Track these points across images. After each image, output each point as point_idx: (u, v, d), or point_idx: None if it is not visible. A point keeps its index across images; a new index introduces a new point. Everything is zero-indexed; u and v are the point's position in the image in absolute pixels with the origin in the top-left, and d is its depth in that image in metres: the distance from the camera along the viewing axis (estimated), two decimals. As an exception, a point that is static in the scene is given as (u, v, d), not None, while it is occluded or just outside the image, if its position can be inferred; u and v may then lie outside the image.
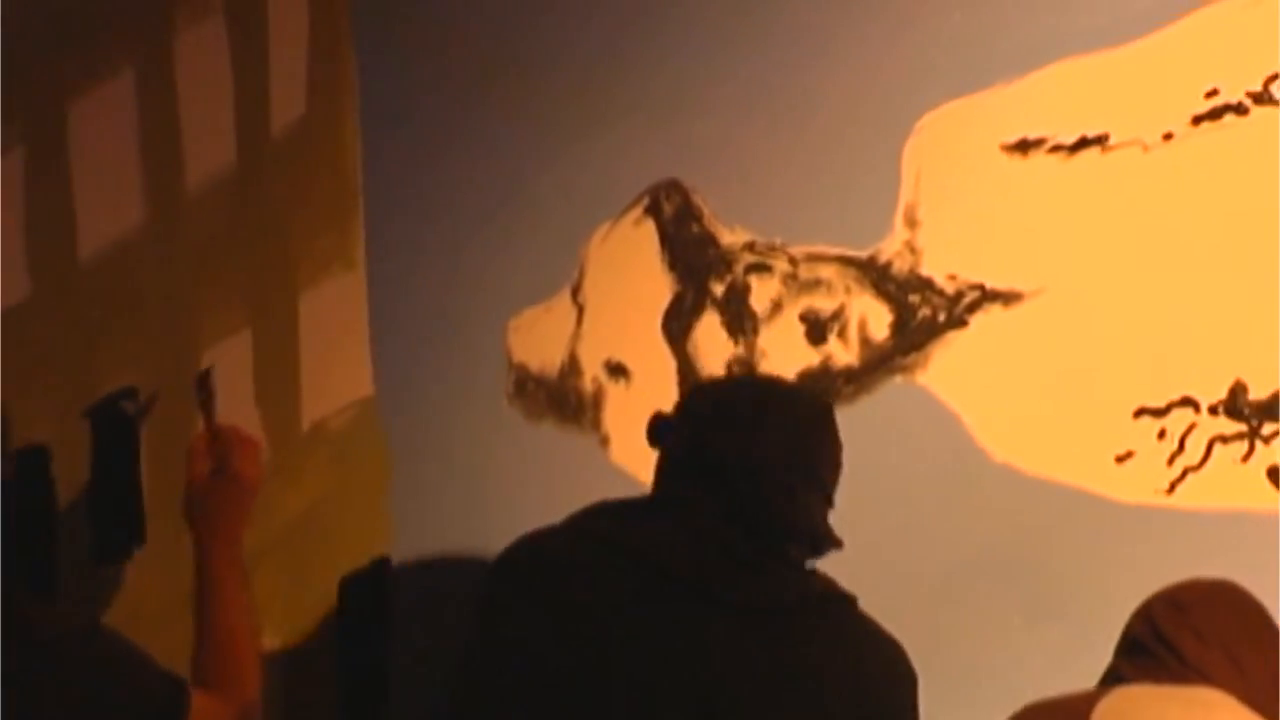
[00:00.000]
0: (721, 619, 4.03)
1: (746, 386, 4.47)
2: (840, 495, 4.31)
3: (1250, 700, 4.10)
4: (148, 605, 4.85)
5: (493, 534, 4.42)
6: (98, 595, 4.94)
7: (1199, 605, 4.31)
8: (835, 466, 4.26)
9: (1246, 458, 4.31)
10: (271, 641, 4.65)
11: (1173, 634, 4.21)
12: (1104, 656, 4.10)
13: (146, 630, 4.45)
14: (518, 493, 4.72)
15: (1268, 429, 4.34)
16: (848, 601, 4.17)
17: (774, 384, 4.51)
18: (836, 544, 4.16)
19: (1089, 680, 4.10)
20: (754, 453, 4.11)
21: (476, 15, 4.88)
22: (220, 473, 4.47)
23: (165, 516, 4.79)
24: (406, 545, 4.70)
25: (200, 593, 4.38)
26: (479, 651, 4.03)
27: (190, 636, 4.25)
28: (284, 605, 4.63)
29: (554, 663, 3.97)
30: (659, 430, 4.21)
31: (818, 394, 4.55)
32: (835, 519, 4.25)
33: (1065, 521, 4.36)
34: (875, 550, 4.38)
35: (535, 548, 4.05)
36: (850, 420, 4.20)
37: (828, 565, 4.14)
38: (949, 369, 4.45)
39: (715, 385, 4.58)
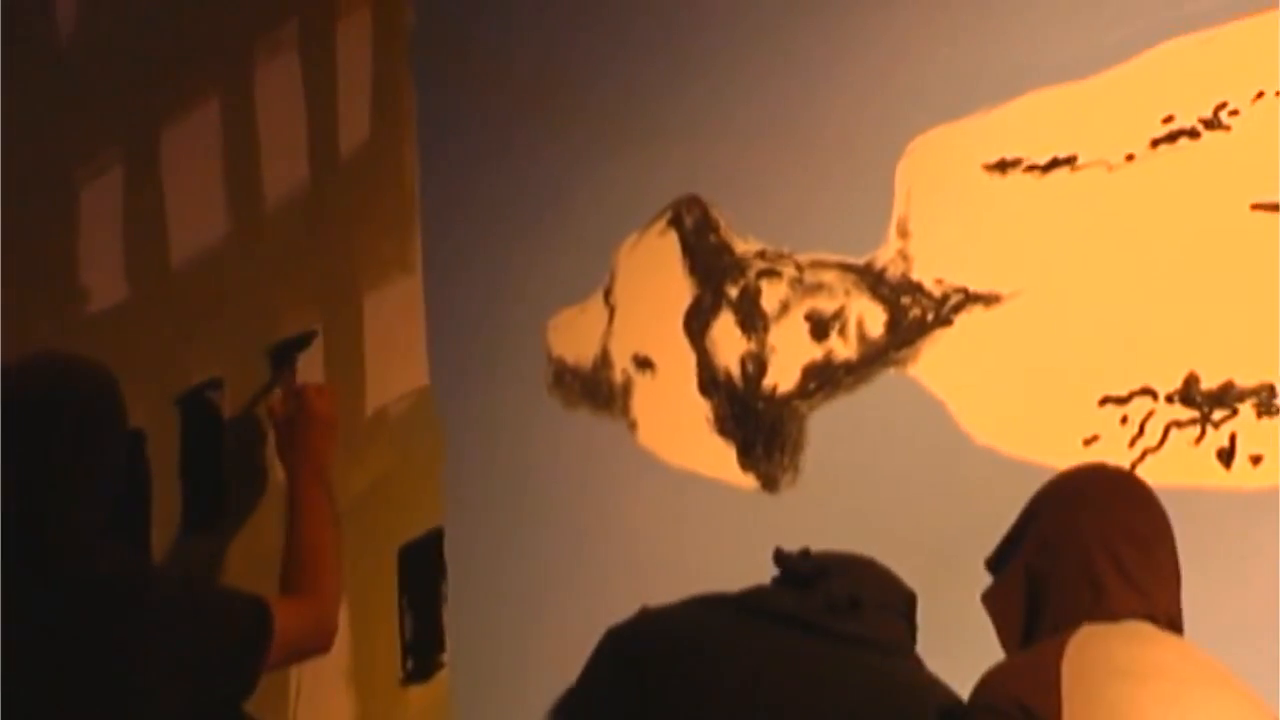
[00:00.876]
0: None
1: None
2: (842, 473, 4.55)
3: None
4: (231, 567, 5.03)
5: (534, 507, 4.85)
6: (188, 558, 5.12)
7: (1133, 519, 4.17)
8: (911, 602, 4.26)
9: (1199, 440, 4.44)
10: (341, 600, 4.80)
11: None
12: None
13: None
14: (556, 471, 4.84)
15: (1217, 415, 4.44)
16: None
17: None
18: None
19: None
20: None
21: (521, 51, 5.02)
22: (301, 414, 4.75)
23: (244, 491, 5.07)
24: (458, 517, 4.84)
25: (290, 515, 4.60)
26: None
27: (267, 591, 4.38)
28: (351, 569, 4.69)
29: None
30: None
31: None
32: (838, 497, 4.47)
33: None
34: (870, 519, 4.50)
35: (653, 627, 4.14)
36: (850, 407, 4.47)
37: (832, 537, 4.06)
38: (936, 362, 4.56)
39: None
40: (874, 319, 4.61)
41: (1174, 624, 4.12)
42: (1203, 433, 4.41)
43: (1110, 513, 4.24)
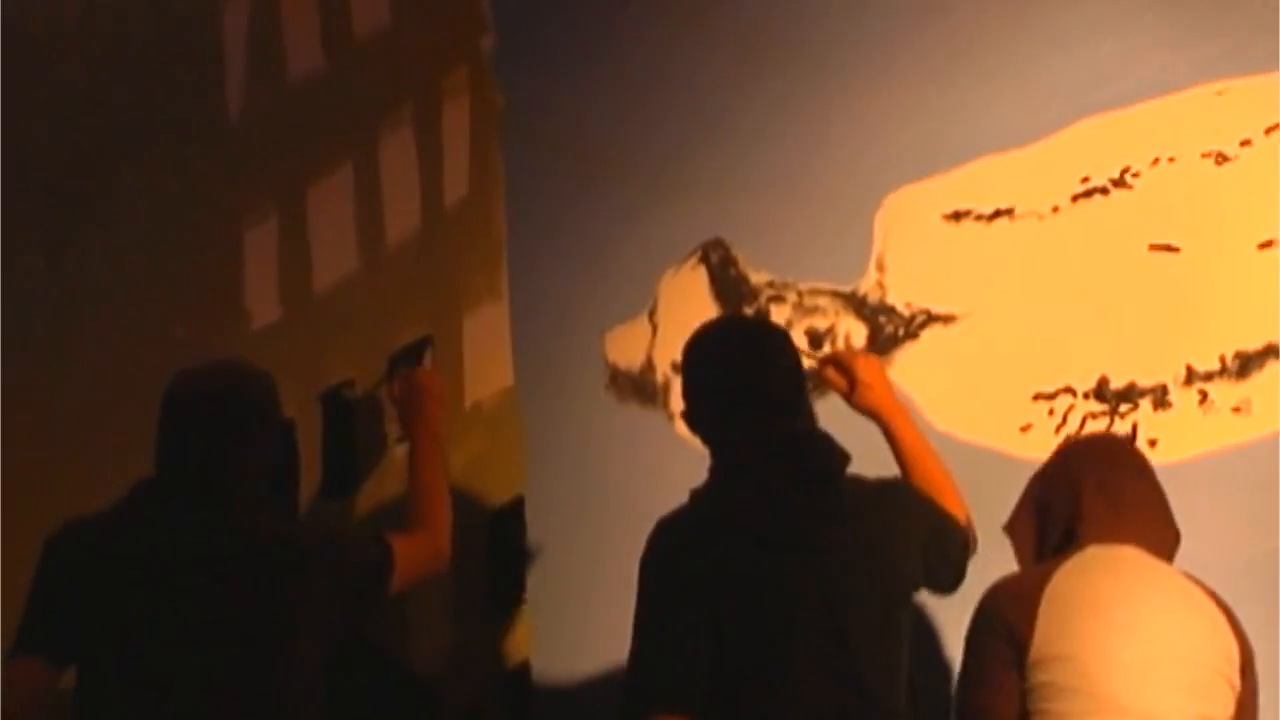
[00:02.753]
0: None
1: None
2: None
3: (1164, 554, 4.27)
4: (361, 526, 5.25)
5: (597, 479, 5.07)
6: (328, 518, 5.30)
7: (1110, 472, 4.29)
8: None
9: (1108, 428, 4.82)
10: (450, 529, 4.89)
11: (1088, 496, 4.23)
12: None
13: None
14: (612, 452, 5.08)
15: (1123, 408, 4.82)
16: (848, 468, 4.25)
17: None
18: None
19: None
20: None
21: (586, 125, 5.22)
22: (415, 389, 4.82)
23: (370, 467, 5.25)
24: (538, 486, 5.05)
25: (410, 466, 4.73)
26: (658, 586, 4.20)
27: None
28: (454, 528, 4.71)
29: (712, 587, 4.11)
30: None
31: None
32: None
33: (986, 471, 4.73)
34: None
35: (673, 527, 4.26)
36: (839, 401, 4.61)
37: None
38: (906, 367, 4.89)
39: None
40: (858, 334, 4.95)
41: (1162, 546, 4.24)
42: (1111, 422, 4.80)
43: (1096, 459, 4.34)
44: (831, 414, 4.54)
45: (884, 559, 4.14)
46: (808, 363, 4.60)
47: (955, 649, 4.45)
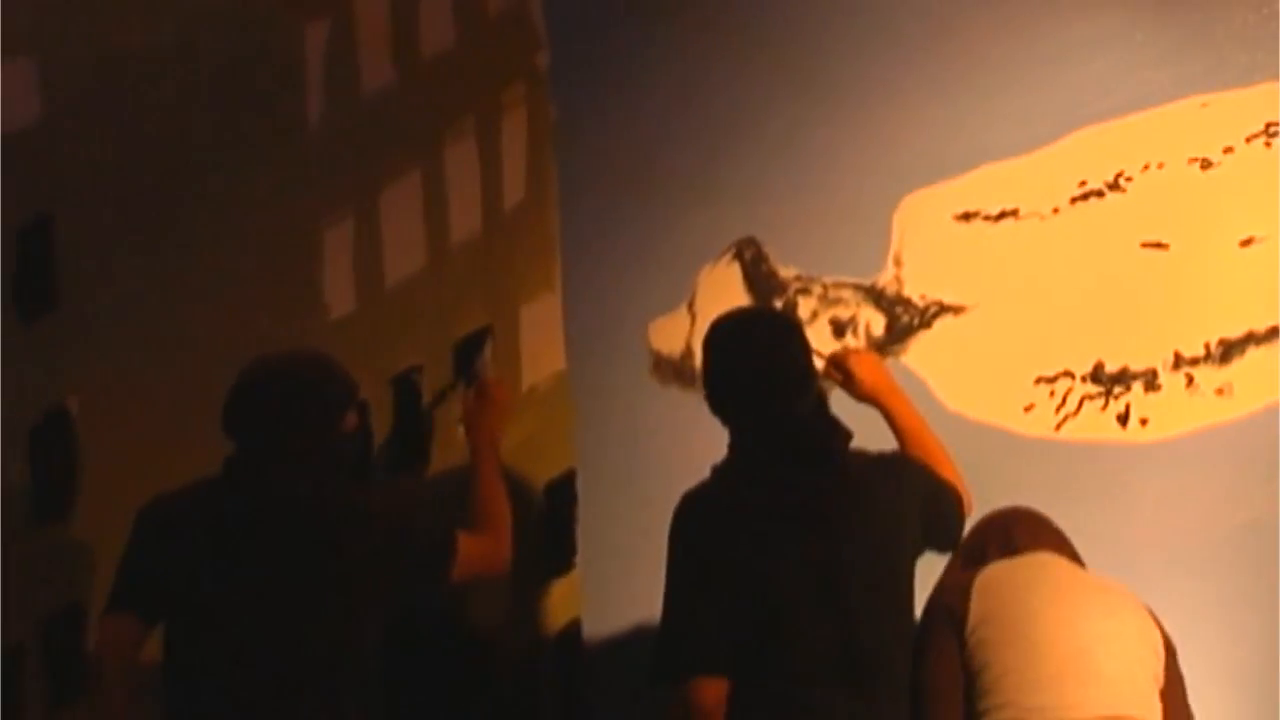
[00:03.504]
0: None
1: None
2: (856, 430, 4.54)
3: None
4: (427, 493, 5.19)
5: (641, 454, 5.13)
6: (398, 489, 5.17)
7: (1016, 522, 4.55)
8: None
9: (1104, 408, 5.05)
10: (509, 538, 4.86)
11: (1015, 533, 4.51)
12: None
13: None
14: (655, 430, 5.16)
15: (1116, 390, 5.09)
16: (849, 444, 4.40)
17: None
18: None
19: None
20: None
21: (631, 135, 5.26)
22: (482, 400, 4.84)
23: (440, 446, 5.24)
24: (587, 461, 5.12)
25: (471, 473, 4.77)
26: (684, 554, 4.32)
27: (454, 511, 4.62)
28: (512, 498, 4.76)
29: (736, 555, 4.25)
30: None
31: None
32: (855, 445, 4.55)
33: (993, 447, 4.96)
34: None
35: (699, 500, 4.39)
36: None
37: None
38: (920, 354, 5.07)
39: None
40: (876, 323, 5.11)
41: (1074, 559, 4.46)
42: (1106, 403, 5.05)
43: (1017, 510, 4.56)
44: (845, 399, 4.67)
45: (884, 526, 4.27)
46: (817, 361, 4.65)
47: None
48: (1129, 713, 4.20)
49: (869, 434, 4.59)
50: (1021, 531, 4.52)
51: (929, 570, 4.51)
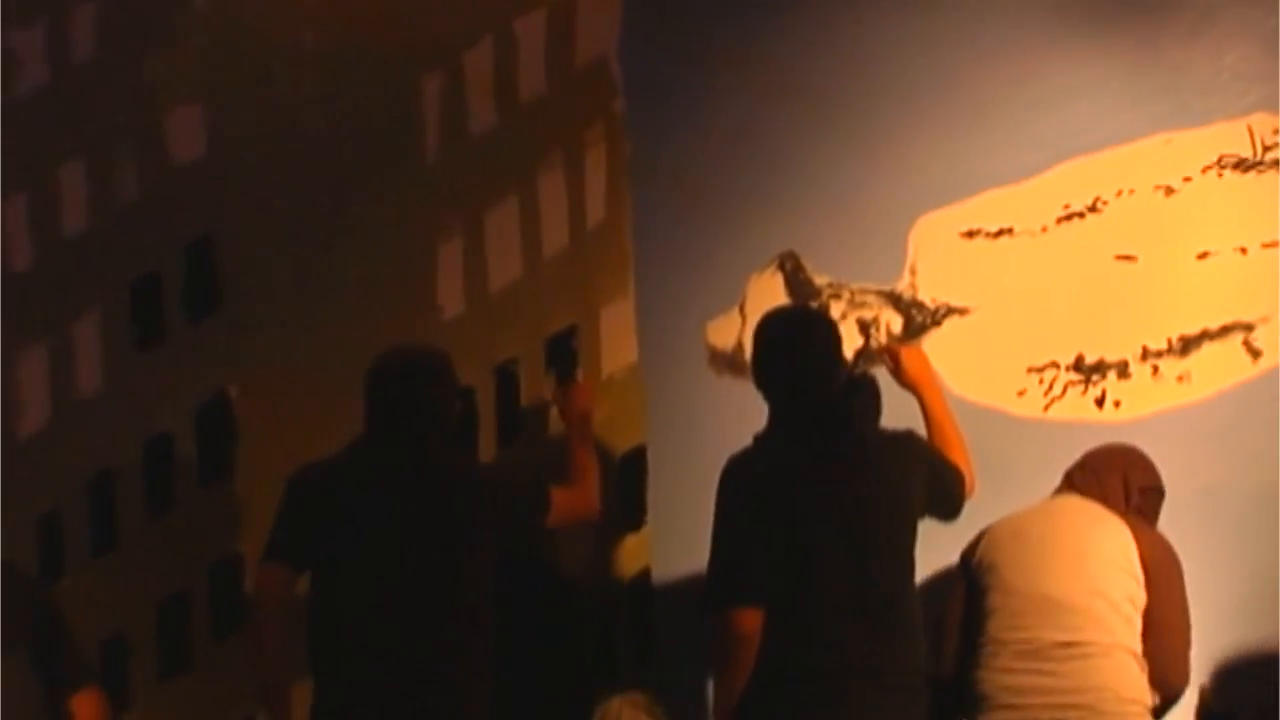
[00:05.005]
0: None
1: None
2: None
3: (1105, 502, 4.81)
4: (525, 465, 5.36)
5: (699, 431, 5.29)
6: (501, 461, 5.47)
7: (1092, 455, 4.87)
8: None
9: (1083, 393, 5.27)
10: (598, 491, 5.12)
11: (1071, 470, 4.87)
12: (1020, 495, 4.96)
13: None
14: (711, 410, 5.34)
15: (1095, 378, 5.26)
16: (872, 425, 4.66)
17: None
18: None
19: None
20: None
21: (691, 166, 5.45)
22: (569, 400, 5.16)
23: (534, 425, 5.48)
24: (655, 437, 5.33)
25: (566, 442, 5.08)
26: (738, 506, 4.55)
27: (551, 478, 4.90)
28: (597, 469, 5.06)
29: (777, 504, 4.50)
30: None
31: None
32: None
33: (991, 425, 5.16)
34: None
35: (744, 462, 4.62)
36: (882, 374, 4.98)
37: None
38: (932, 347, 5.28)
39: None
40: (895, 323, 5.36)
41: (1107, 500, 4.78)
42: (1086, 389, 5.27)
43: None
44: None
45: (894, 488, 4.57)
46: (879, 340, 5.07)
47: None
48: (1084, 638, 4.57)
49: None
50: (1084, 471, 4.87)
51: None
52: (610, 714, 4.97)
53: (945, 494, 4.72)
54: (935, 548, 4.84)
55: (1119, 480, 4.83)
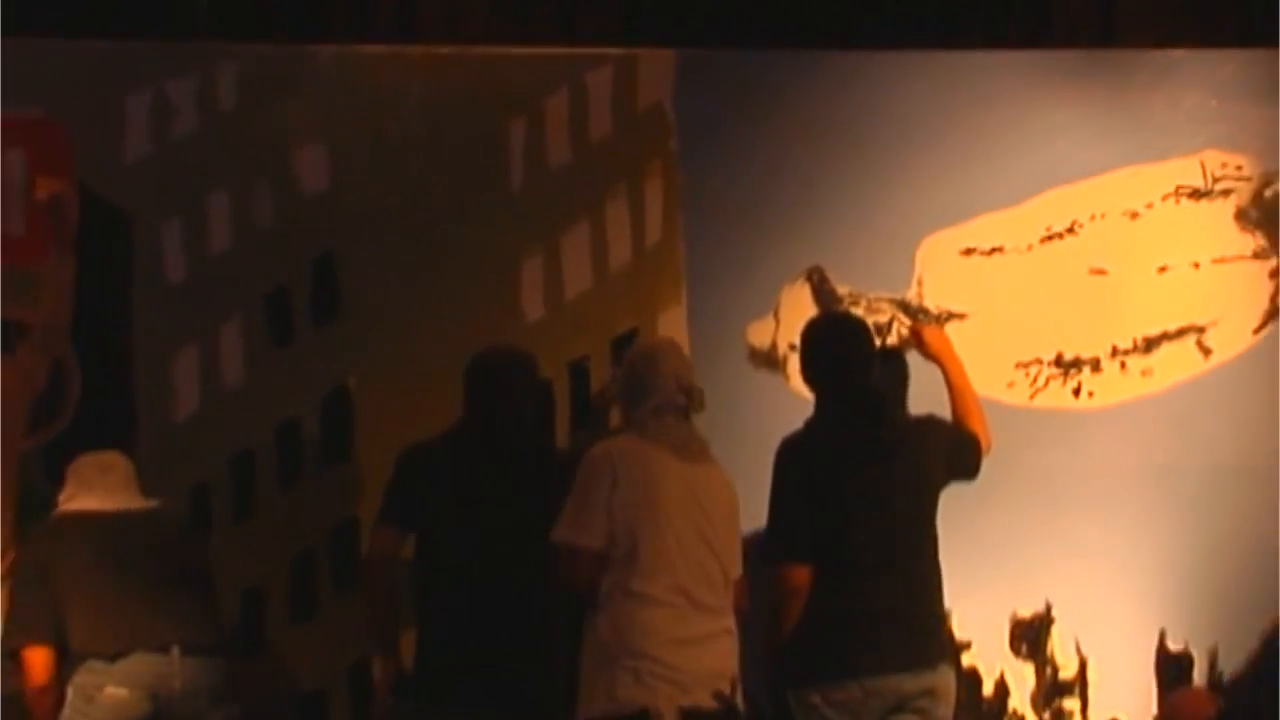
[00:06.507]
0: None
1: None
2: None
3: None
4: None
5: (741, 415, 5.41)
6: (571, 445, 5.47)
7: None
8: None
9: (1063, 385, 5.57)
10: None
11: None
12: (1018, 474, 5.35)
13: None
14: (750, 400, 5.50)
15: (1072, 372, 5.57)
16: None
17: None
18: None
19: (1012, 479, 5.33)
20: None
21: (733, 193, 5.57)
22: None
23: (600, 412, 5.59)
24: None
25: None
26: (791, 478, 4.74)
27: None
28: None
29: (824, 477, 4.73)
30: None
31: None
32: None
33: (985, 412, 5.32)
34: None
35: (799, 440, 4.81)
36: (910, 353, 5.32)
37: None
38: None
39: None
40: (904, 325, 5.57)
41: None
42: (1064, 381, 5.58)
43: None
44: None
45: (918, 463, 4.87)
46: (902, 331, 5.32)
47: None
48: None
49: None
50: None
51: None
52: None
53: (964, 463, 5.01)
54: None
55: None
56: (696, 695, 4.57)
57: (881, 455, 4.79)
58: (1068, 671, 5.53)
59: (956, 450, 5.00)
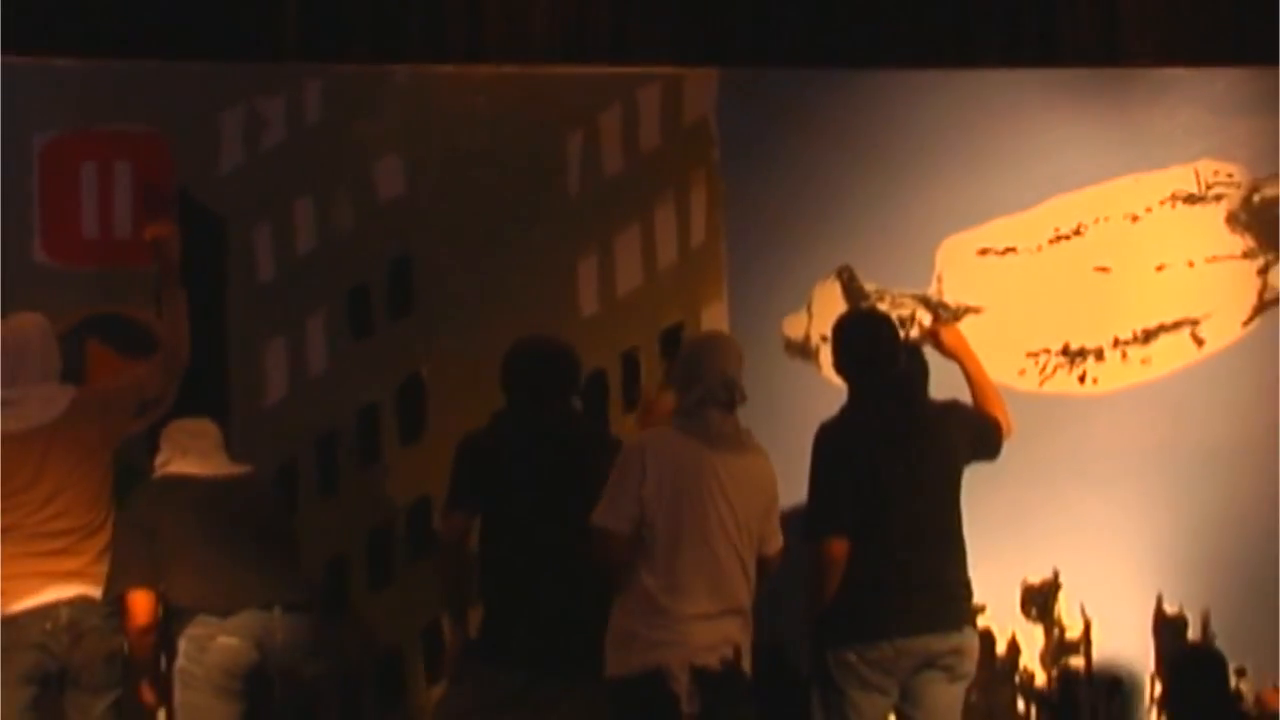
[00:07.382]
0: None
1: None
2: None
3: None
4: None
5: (777, 401, 5.49)
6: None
7: None
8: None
9: (1069, 373, 5.82)
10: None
11: None
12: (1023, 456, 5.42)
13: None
14: (786, 387, 5.68)
15: (1078, 361, 5.81)
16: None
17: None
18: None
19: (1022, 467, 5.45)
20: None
21: (770, 200, 5.73)
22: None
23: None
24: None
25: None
26: (830, 460, 4.85)
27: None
28: None
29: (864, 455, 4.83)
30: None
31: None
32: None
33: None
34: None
35: (836, 424, 4.92)
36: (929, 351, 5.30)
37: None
38: None
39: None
40: (925, 319, 5.80)
41: None
42: (1071, 369, 5.83)
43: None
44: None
45: (944, 445, 5.01)
46: (916, 331, 5.45)
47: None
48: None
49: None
50: None
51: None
52: None
53: (986, 445, 5.15)
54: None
55: None
56: (706, 659, 4.70)
57: (912, 436, 4.94)
58: (1074, 632, 5.75)
59: (979, 433, 5.14)
